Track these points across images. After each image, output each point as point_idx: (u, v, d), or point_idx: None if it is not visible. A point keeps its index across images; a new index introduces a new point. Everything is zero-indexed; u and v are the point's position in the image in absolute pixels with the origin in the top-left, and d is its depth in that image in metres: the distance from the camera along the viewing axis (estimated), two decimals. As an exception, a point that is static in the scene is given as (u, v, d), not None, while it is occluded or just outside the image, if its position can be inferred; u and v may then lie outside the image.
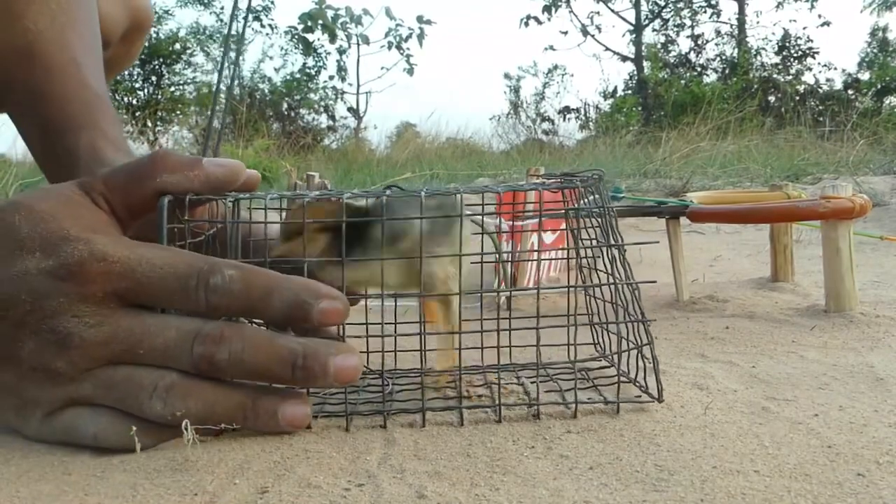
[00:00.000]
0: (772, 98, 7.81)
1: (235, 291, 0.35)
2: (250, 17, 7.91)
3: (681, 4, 9.09)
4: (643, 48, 9.02)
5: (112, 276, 0.35)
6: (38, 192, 0.38)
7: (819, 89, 8.28)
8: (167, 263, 0.35)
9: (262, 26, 8.21)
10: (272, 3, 8.20)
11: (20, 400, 0.36)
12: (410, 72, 7.88)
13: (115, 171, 0.39)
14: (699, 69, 8.83)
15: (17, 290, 0.35)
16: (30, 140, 0.56)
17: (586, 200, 0.45)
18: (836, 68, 9.90)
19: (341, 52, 7.90)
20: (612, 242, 0.42)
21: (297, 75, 8.02)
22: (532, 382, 0.44)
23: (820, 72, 9.59)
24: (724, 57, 8.83)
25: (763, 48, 8.72)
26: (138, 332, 0.35)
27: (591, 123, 8.13)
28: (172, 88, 7.44)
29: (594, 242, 0.44)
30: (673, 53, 9.14)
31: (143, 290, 0.35)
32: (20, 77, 0.54)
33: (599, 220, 0.44)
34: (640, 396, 0.41)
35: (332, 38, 7.76)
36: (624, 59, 9.17)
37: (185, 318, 0.35)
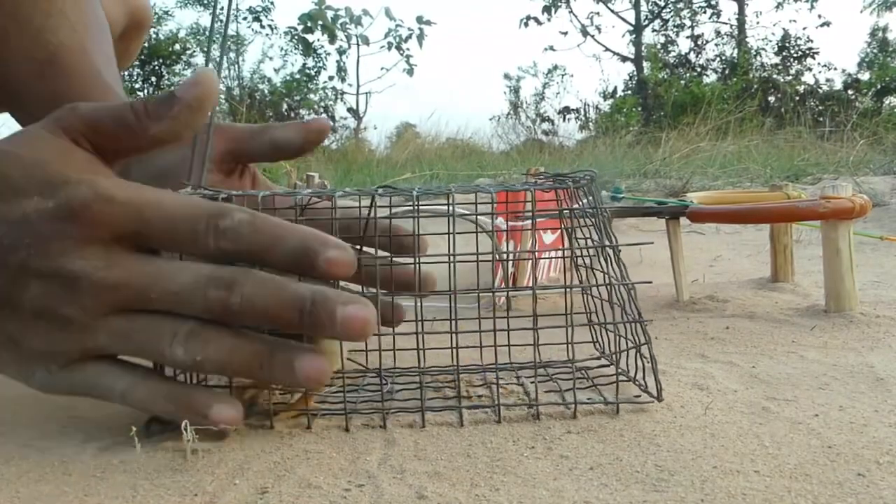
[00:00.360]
0: (772, 98, 7.81)
1: (244, 235, 0.34)
2: (249, 17, 7.92)
3: (680, 5, 9.10)
4: (643, 48, 9.03)
5: (118, 218, 0.34)
6: (15, 138, 0.36)
7: (819, 89, 8.28)
8: (176, 206, 0.34)
9: (262, 27, 8.21)
10: (272, 3, 8.21)
11: (24, 352, 0.35)
12: (410, 72, 7.89)
13: (99, 114, 0.37)
14: (699, 69, 8.84)
15: (19, 235, 0.34)
16: None
17: (585, 201, 0.45)
18: (836, 68, 9.92)
19: (341, 52, 7.90)
20: (606, 243, 0.42)
21: (297, 76, 8.02)
22: (532, 382, 0.44)
23: (820, 72, 9.59)
24: (723, 57, 8.84)
25: (763, 48, 8.73)
26: (150, 276, 0.34)
27: (590, 124, 8.13)
28: (172, 89, 7.44)
29: (589, 242, 0.44)
30: (673, 54, 9.15)
31: (150, 233, 0.34)
32: (43, 87, 0.54)
33: (593, 220, 0.44)
34: (639, 396, 0.41)
35: (332, 39, 7.76)
36: (624, 59, 9.18)
37: (196, 263, 0.35)
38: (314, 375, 0.35)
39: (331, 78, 8.03)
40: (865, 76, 8.07)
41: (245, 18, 8.08)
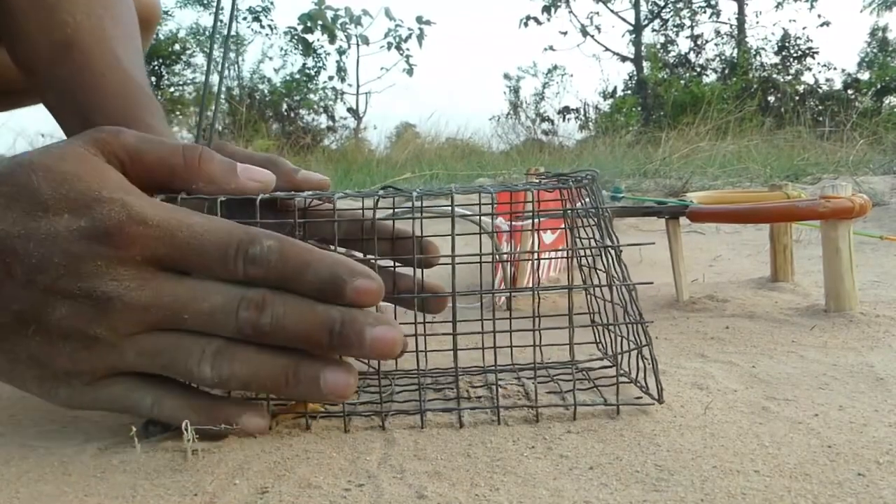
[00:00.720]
0: (771, 98, 7.81)
1: (272, 262, 0.34)
2: (249, 17, 7.92)
3: (680, 5, 9.10)
4: (643, 48, 9.03)
5: (151, 240, 0.34)
6: (48, 151, 0.36)
7: (819, 89, 8.28)
8: (207, 230, 0.35)
9: (262, 27, 8.21)
10: (272, 3, 8.20)
11: (46, 370, 0.35)
12: (410, 72, 7.89)
13: (144, 148, 0.37)
14: (699, 69, 8.83)
15: (49, 253, 0.33)
16: (71, 134, 0.56)
17: (587, 200, 0.45)
18: (835, 68, 9.91)
19: (341, 52, 7.90)
20: (608, 243, 0.42)
21: (297, 76, 8.02)
22: (532, 383, 0.44)
23: (819, 72, 9.59)
24: (723, 57, 8.84)
25: (762, 48, 8.73)
26: (182, 297, 0.34)
27: (590, 124, 8.13)
28: (172, 89, 7.45)
29: (591, 243, 0.44)
30: (672, 54, 9.14)
31: (181, 256, 0.34)
32: (60, 72, 0.53)
33: (594, 220, 0.44)
34: (640, 397, 0.41)
35: (332, 39, 7.76)
36: (623, 59, 9.18)
37: (226, 285, 0.35)
38: (339, 390, 0.35)
39: (331, 78, 8.03)
40: (865, 76, 8.07)
41: (245, 18, 8.09)
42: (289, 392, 0.35)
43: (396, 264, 0.47)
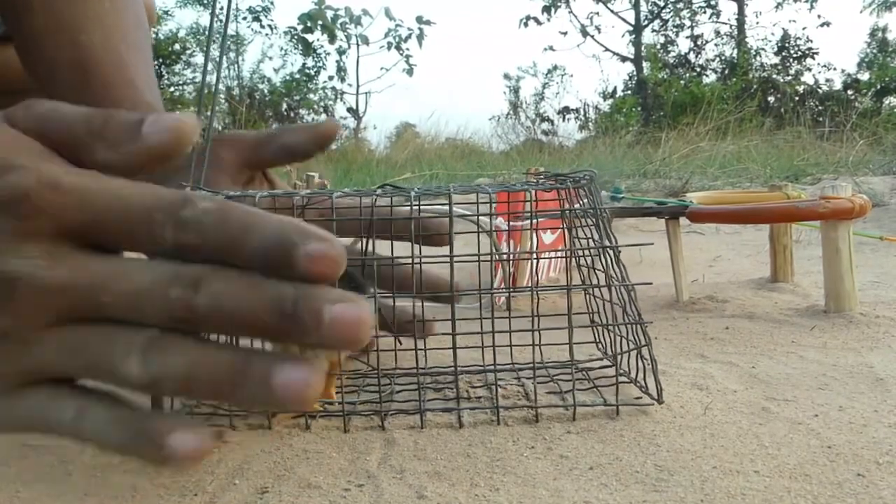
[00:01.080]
0: (771, 98, 7.82)
1: (208, 227, 0.27)
2: (249, 17, 7.92)
3: (680, 5, 9.10)
4: (643, 48, 9.03)
5: (65, 208, 0.28)
6: None
7: (818, 90, 8.29)
8: (131, 194, 0.28)
9: (262, 27, 8.22)
10: (272, 3, 8.21)
11: None
12: (410, 72, 7.89)
13: (52, 115, 0.31)
14: (699, 69, 8.84)
15: None
16: None
17: (585, 201, 0.45)
18: (835, 69, 9.93)
19: (341, 52, 7.91)
20: (606, 243, 0.42)
21: (297, 76, 8.02)
22: (532, 383, 0.44)
23: (819, 72, 9.59)
24: (723, 57, 8.85)
25: (762, 48, 8.73)
26: (102, 276, 0.28)
27: (590, 124, 8.14)
28: (172, 89, 7.45)
29: (590, 243, 0.44)
30: (672, 54, 9.15)
31: (100, 225, 0.28)
32: (77, 94, 0.53)
33: (593, 220, 0.44)
34: (640, 398, 0.41)
35: (332, 39, 7.76)
36: (623, 59, 9.18)
37: (157, 262, 0.28)
38: (293, 390, 0.27)
39: (330, 78, 8.04)
40: (865, 76, 8.08)
41: (245, 18, 8.09)
42: (233, 395, 0.27)
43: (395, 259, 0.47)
